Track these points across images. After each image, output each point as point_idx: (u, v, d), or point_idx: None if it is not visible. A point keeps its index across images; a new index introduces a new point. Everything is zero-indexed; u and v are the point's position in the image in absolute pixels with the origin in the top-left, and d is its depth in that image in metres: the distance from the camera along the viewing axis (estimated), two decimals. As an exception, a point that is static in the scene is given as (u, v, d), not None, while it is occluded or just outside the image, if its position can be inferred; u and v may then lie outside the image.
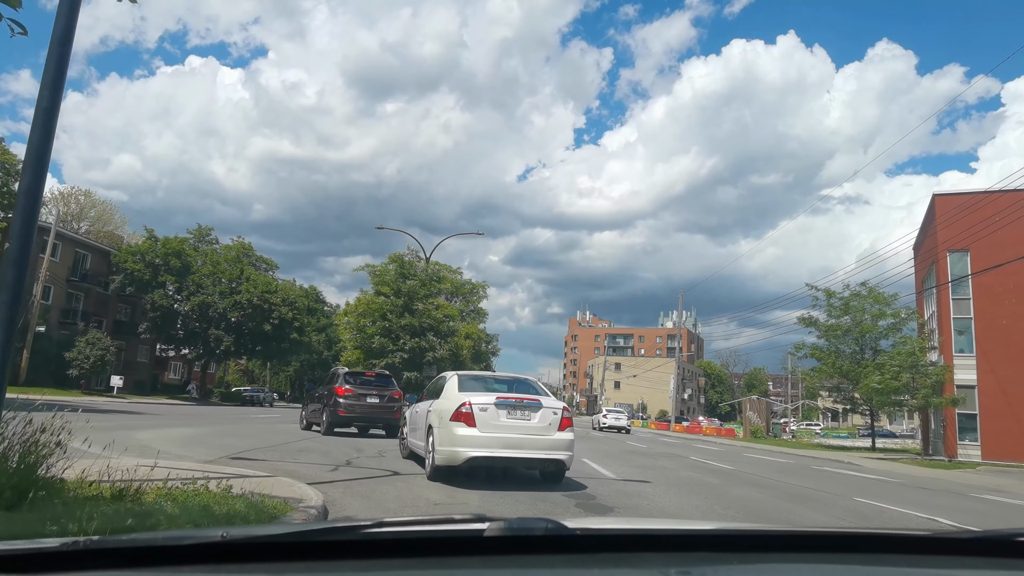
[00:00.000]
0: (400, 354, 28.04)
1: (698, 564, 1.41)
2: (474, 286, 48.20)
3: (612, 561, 1.42)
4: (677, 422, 65.04)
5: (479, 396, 9.26)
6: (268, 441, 14.32)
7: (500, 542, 1.36)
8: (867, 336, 34.11)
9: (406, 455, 12.15)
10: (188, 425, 17.87)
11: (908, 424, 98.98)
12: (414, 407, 11.92)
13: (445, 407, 9.35)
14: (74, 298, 50.74)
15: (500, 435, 8.95)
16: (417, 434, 10.87)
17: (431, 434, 9.54)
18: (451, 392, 9.76)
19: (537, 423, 9.19)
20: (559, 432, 9.30)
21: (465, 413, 8.96)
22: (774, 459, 23.10)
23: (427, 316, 28.50)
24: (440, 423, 9.24)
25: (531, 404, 9.29)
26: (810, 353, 35.35)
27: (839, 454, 28.95)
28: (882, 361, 27.36)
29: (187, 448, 11.59)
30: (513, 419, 9.11)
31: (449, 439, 8.97)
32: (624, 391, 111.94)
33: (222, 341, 51.90)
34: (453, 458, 8.93)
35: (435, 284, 31.30)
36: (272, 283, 55.02)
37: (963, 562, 1.55)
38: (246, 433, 16.18)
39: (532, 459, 9.25)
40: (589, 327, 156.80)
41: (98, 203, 71.33)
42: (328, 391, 18.20)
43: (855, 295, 34.79)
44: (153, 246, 51.96)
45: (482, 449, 8.85)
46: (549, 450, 9.20)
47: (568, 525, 1.40)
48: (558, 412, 9.39)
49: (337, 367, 20.38)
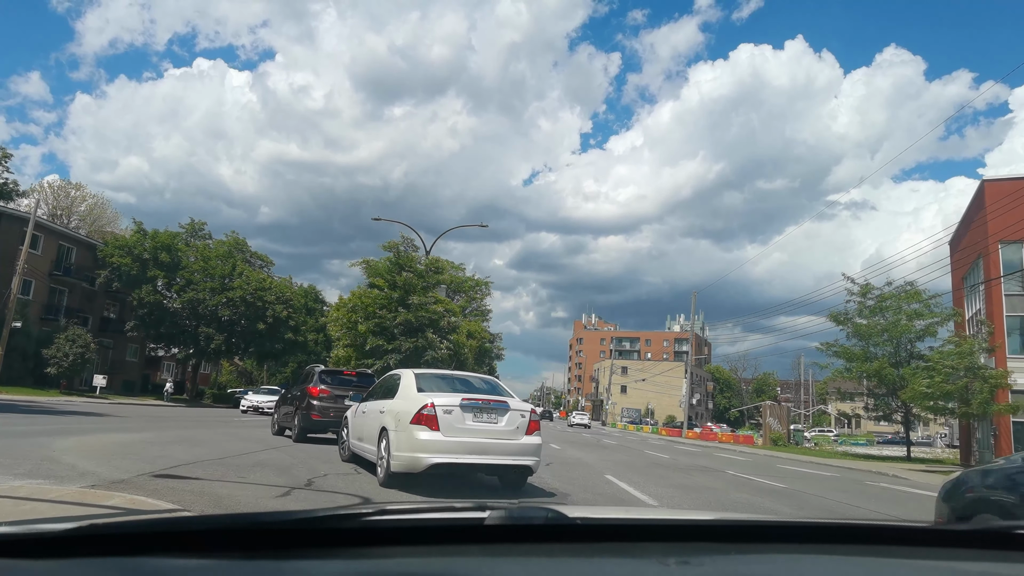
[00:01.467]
0: (395, 354, 25.29)
1: (697, 554, 1.40)
2: (477, 283, 45.52)
3: (612, 550, 1.41)
4: (688, 428, 62.41)
5: (442, 397, 8.59)
6: (222, 451, 11.76)
7: (501, 530, 1.36)
8: (903, 337, 31.46)
9: (347, 458, 11.35)
10: (139, 430, 15.32)
11: (923, 431, 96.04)
12: (359, 407, 10.91)
13: (403, 408, 8.63)
14: (57, 293, 48.31)
15: (465, 439, 8.36)
16: (365, 437, 9.98)
17: (385, 437, 8.80)
18: (409, 392, 8.98)
19: (504, 426, 8.66)
20: (527, 436, 8.82)
21: (427, 415, 8.28)
22: (816, 471, 20.45)
23: (424, 311, 25.76)
24: (398, 426, 8.50)
25: (498, 406, 8.73)
26: (840, 352, 32.62)
27: (876, 464, 26.28)
28: (932, 363, 24.70)
29: (105, 462, 9.03)
30: (479, 422, 8.55)
31: (409, 444, 8.29)
32: (631, 395, 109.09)
33: (212, 340, 49.40)
34: (413, 464, 8.26)
35: (434, 276, 28.53)
36: (266, 280, 52.56)
37: (963, 554, 1.53)
38: (202, 440, 13.62)
39: (499, 465, 8.80)
40: (595, 330, 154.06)
41: (89, 197, 69.11)
42: (301, 392, 15.98)
43: (889, 295, 32.14)
44: (141, 240, 49.54)
45: (446, 455, 8.25)
46: (517, 455, 8.73)
47: (568, 514, 1.40)
48: (526, 415, 8.91)
49: (312, 365, 18.26)
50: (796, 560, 1.48)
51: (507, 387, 10.01)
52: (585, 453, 20.63)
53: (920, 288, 32.11)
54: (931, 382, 23.77)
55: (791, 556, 1.49)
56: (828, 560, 1.47)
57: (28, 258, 43.65)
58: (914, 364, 30.53)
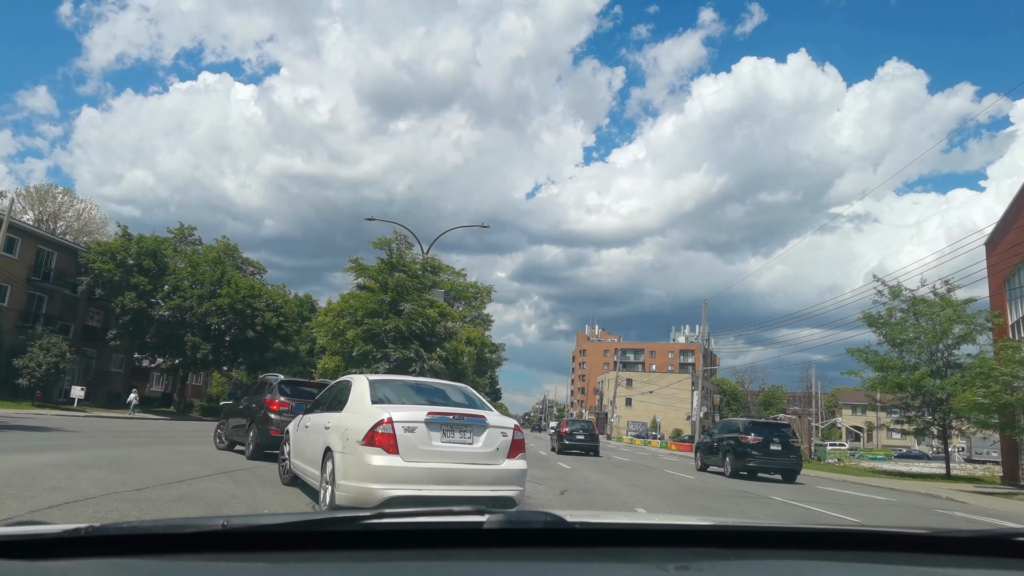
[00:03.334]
0: (385, 363, 22.68)
1: (696, 559, 1.39)
2: (478, 289, 42.92)
3: (611, 555, 1.40)
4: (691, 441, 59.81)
5: (403, 410, 6.84)
6: (152, 477, 9.24)
7: (499, 534, 1.35)
8: (940, 343, 28.92)
9: (288, 481, 9.40)
10: (72, 448, 12.78)
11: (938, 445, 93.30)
12: (302, 420, 9.07)
13: (353, 425, 6.91)
14: (36, 300, 45.82)
15: (432, 465, 6.67)
16: (307, 457, 8.17)
17: (329, 459, 7.07)
18: (361, 404, 7.26)
19: (481, 448, 6.98)
20: (509, 460, 7.11)
21: (384, 435, 6.54)
22: (865, 494, 17.86)
23: (417, 317, 23.14)
24: (346, 446, 6.81)
25: (474, 422, 7.03)
26: (873, 360, 30.01)
27: (920, 484, 23.65)
28: (986, 370, 22.19)
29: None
30: (450, 442, 6.86)
31: (359, 470, 6.56)
32: (636, 408, 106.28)
33: (199, 349, 46.80)
34: (364, 498, 6.43)
35: (430, 276, 25.93)
36: (256, 286, 50.01)
37: (963, 561, 1.52)
38: (138, 462, 11.11)
39: (474, 498, 6.78)
40: (598, 341, 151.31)
41: (78, 202, 66.81)
42: (257, 403, 14.08)
43: (921, 299, 29.63)
44: (126, 245, 47.06)
45: (407, 486, 6.53)
46: (497, 485, 6.96)
47: (567, 518, 1.39)
48: (508, 433, 7.17)
49: (268, 374, 16.34)
50: (796, 567, 1.48)
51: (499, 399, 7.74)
52: (601, 474, 18.07)
53: (954, 290, 29.69)
54: (987, 392, 21.26)
55: (791, 563, 1.49)
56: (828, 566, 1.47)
57: (5, 263, 41.36)
58: (952, 373, 28.02)
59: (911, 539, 1.61)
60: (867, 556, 1.51)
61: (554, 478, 15.20)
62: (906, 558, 1.52)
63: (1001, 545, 1.55)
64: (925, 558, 1.53)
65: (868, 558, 1.51)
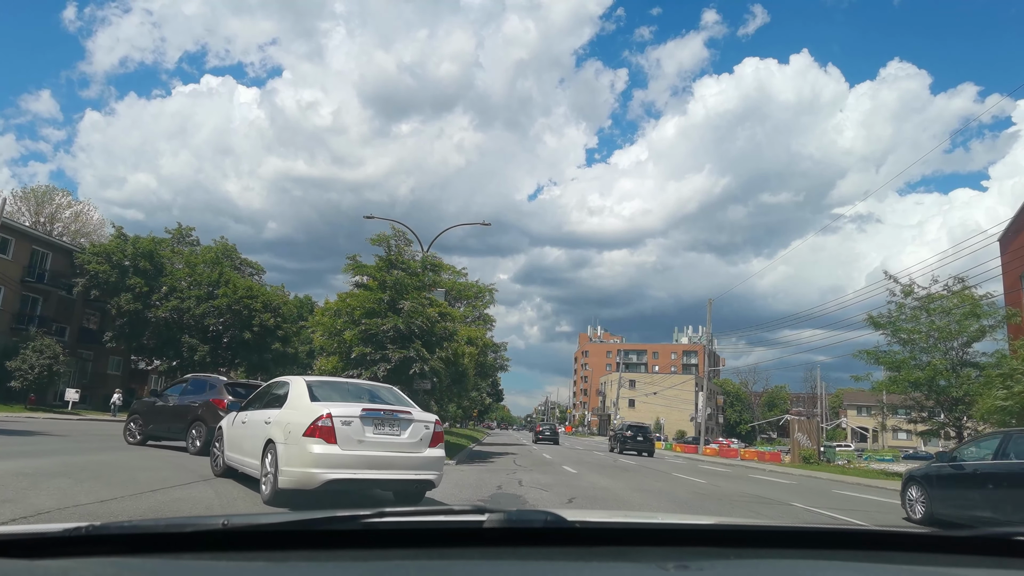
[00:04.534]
0: (384, 364, 21.80)
1: (696, 558, 1.39)
2: (480, 289, 42.03)
3: (611, 554, 1.41)
4: (695, 443, 58.97)
5: (340, 407, 7.90)
6: (124, 486, 8.46)
7: (499, 534, 1.35)
8: (955, 341, 28.08)
9: (220, 472, 10.12)
10: (45, 454, 11.96)
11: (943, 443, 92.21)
12: (237, 416, 9.72)
13: (295, 419, 7.82)
14: (30, 302, 45.05)
15: (365, 453, 7.71)
16: (246, 450, 8.90)
17: (271, 451, 7.91)
18: (301, 401, 8.21)
19: (408, 439, 8.11)
20: (430, 448, 8.31)
21: (324, 427, 7.52)
22: (888, 500, 17.06)
23: (417, 316, 22.28)
24: (288, 438, 7.69)
25: (402, 417, 8.17)
26: (884, 360, 29.20)
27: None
28: (1007, 370, 21.30)
29: None
30: (381, 434, 7.93)
31: (301, 458, 7.48)
32: (639, 409, 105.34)
33: (197, 350, 46.01)
34: (307, 481, 7.46)
35: (429, 274, 25.08)
36: (254, 287, 49.23)
37: (962, 560, 1.51)
38: (112, 469, 10.32)
39: (401, 480, 8.14)
40: (600, 343, 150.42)
41: (75, 204, 66.17)
42: (201, 402, 14.62)
43: (938, 295, 28.79)
44: (121, 245, 46.30)
45: (344, 470, 7.53)
46: (420, 469, 8.18)
47: (567, 518, 1.40)
48: (430, 426, 8.39)
49: (200, 375, 17.25)
50: (795, 566, 1.48)
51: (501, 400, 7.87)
52: (609, 479, 17.29)
53: (968, 287, 28.84)
54: (1008, 393, 20.42)
55: (791, 562, 1.49)
56: (828, 566, 1.47)
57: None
58: (966, 372, 27.20)
59: (911, 539, 1.61)
60: (867, 556, 1.51)
61: (560, 484, 14.42)
62: (906, 558, 1.51)
63: (1001, 545, 1.54)
64: (925, 558, 1.52)
65: (868, 558, 1.51)
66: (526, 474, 16.57)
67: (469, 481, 13.69)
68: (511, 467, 19.39)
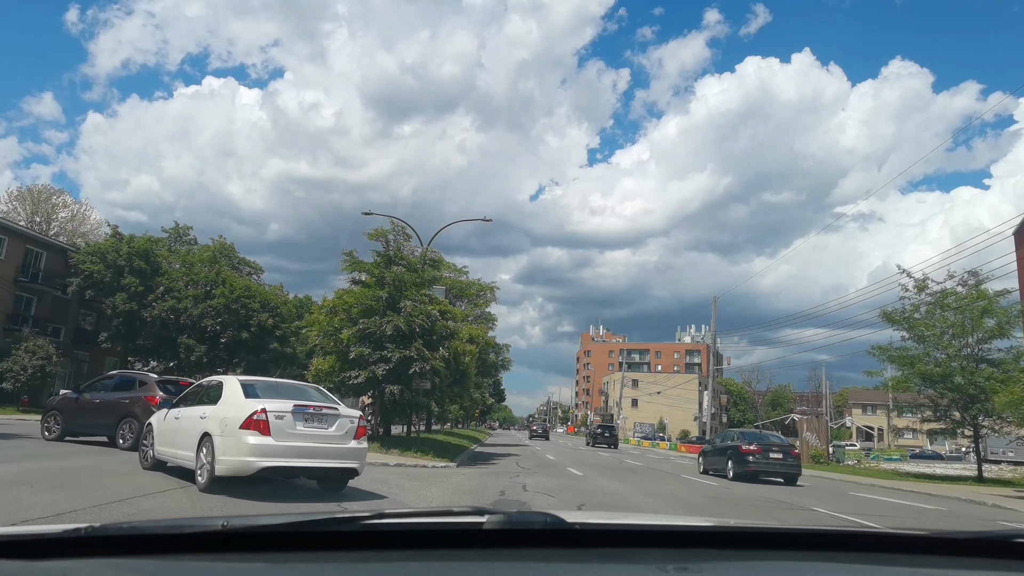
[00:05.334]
0: (383, 365, 21.00)
1: (696, 560, 1.39)
2: (481, 287, 41.28)
3: (610, 556, 1.41)
4: (701, 443, 58.22)
5: (274, 403, 8.63)
6: (89, 496, 7.71)
7: (499, 535, 1.35)
8: (971, 338, 27.27)
9: (149, 466, 10.54)
10: (22, 460, 11.17)
11: (951, 444, 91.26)
12: (169, 413, 10.32)
13: (231, 414, 8.49)
14: (24, 302, 44.32)
15: (296, 444, 8.48)
16: (180, 444, 9.48)
17: (207, 443, 8.50)
18: (236, 398, 8.88)
19: (335, 432, 8.92)
20: (355, 441, 9.14)
21: (259, 421, 8.26)
22: (905, 501, 16.25)
23: (418, 315, 21.51)
24: (224, 431, 8.34)
25: (328, 412, 8.98)
26: (897, 357, 28.39)
27: (956, 488, 22.03)
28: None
29: None
30: (310, 427, 8.73)
31: (238, 448, 8.18)
32: (643, 409, 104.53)
33: (193, 351, 45.23)
34: (243, 468, 8.20)
35: (430, 270, 24.29)
36: (252, 287, 48.44)
37: (961, 562, 1.52)
38: (80, 474, 9.58)
39: (327, 468, 8.96)
40: (603, 342, 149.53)
41: (72, 203, 65.41)
42: (133, 399, 14.70)
43: (949, 292, 28.00)
44: (116, 245, 45.51)
45: (277, 459, 8.32)
46: (345, 459, 9.02)
47: (567, 519, 1.39)
48: (355, 421, 9.23)
49: (125, 371, 17.66)
50: (795, 568, 1.48)
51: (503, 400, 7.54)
52: (617, 482, 16.50)
53: (983, 282, 28.04)
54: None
55: (790, 564, 1.48)
56: (827, 567, 1.47)
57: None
58: (982, 369, 26.39)
59: (910, 540, 1.61)
60: (866, 558, 1.50)
61: (567, 488, 13.64)
62: (905, 559, 1.51)
63: (1000, 546, 1.53)
64: (924, 559, 1.51)
65: (867, 559, 1.50)
66: (530, 477, 15.80)
67: (470, 486, 12.92)
68: (514, 470, 18.61)
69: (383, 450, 19.16)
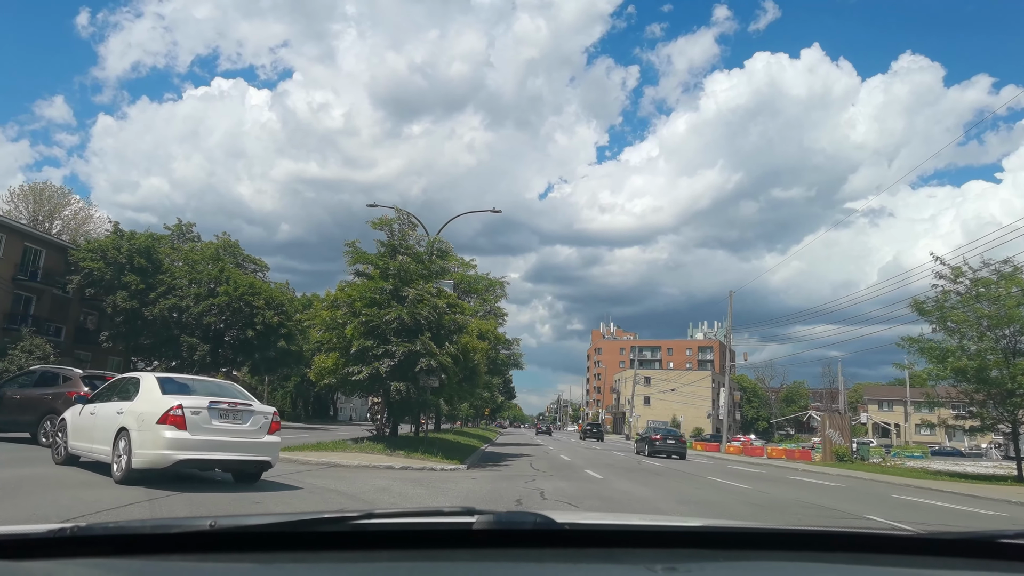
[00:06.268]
0: (387, 360, 19.65)
1: (685, 560, 1.40)
2: (491, 282, 39.83)
3: (600, 556, 1.41)
4: (716, 440, 56.80)
5: (191, 399, 8.97)
6: (31, 513, 6.44)
7: (488, 535, 1.35)
8: (1008, 328, 25.79)
9: (61, 461, 10.63)
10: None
11: (970, 442, 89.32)
12: (84, 408, 10.44)
13: (148, 409, 8.74)
14: (23, 300, 43.35)
15: (212, 438, 8.81)
16: (96, 439, 9.59)
17: (124, 437, 8.75)
18: (152, 395, 9.10)
19: (249, 427, 9.24)
20: (268, 435, 9.49)
21: (176, 416, 8.55)
22: (961, 507, 14.83)
23: (424, 306, 20.18)
24: (141, 426, 8.60)
25: (244, 408, 9.33)
26: (929, 350, 26.95)
27: (994, 489, 20.61)
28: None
29: None
30: (225, 422, 9.03)
31: (155, 442, 8.49)
32: (655, 407, 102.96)
33: (196, 350, 44.15)
34: (159, 461, 8.52)
35: (438, 261, 22.96)
36: (256, 283, 47.28)
37: (947, 563, 1.53)
38: (34, 485, 8.35)
39: (242, 461, 9.32)
40: (613, 339, 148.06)
41: (75, 201, 64.51)
42: (55, 394, 14.32)
43: (985, 280, 26.50)
44: (117, 242, 44.47)
45: (192, 452, 8.62)
46: (258, 453, 9.36)
47: (556, 519, 1.39)
48: (268, 417, 9.61)
49: (47, 366, 17.48)
50: (783, 568, 1.48)
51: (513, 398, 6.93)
52: (641, 486, 15.18)
53: (1019, 269, 26.52)
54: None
55: (778, 564, 1.49)
56: (815, 567, 1.48)
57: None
58: (1019, 362, 24.93)
59: (898, 540, 1.61)
60: (854, 558, 1.51)
61: (589, 495, 12.33)
62: (893, 559, 1.51)
63: (986, 547, 1.54)
64: (912, 560, 1.52)
65: (855, 559, 1.51)
66: (547, 482, 14.50)
67: (482, 493, 11.65)
68: (528, 473, 17.31)
69: (388, 452, 17.91)
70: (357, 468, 14.93)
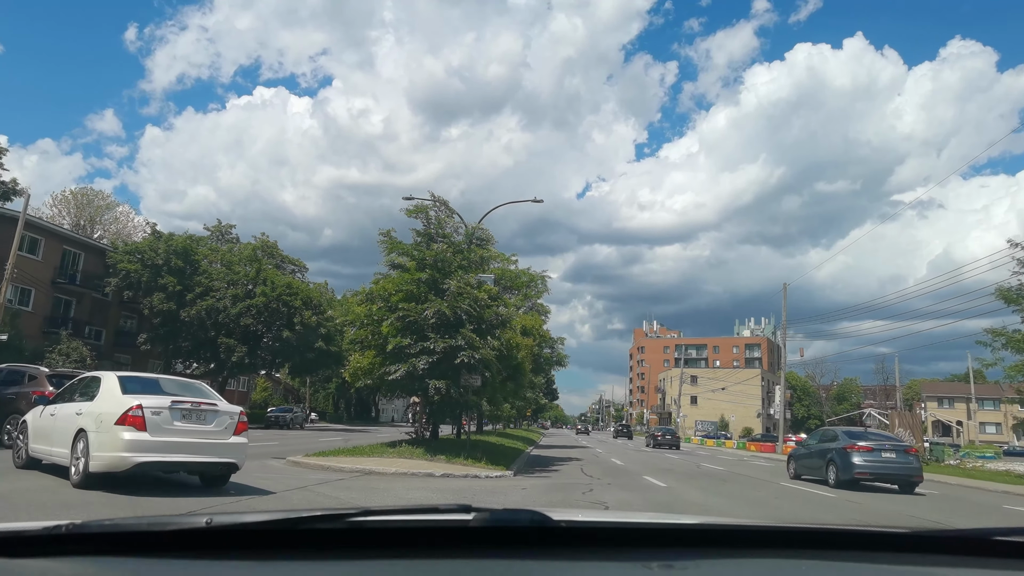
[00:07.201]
0: (425, 357, 18.02)
1: (681, 558, 1.40)
2: (532, 277, 37.97)
3: (596, 554, 1.41)
4: (769, 440, 54.30)
5: (151, 399, 8.60)
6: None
7: (485, 533, 1.35)
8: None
9: (22, 465, 10.21)
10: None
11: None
12: (44, 409, 10.11)
13: (107, 410, 8.42)
14: (63, 304, 43.17)
15: (174, 439, 8.51)
16: (55, 440, 9.24)
17: (82, 439, 8.48)
18: (112, 394, 8.75)
19: (214, 428, 8.97)
20: (235, 436, 9.24)
21: (135, 417, 8.22)
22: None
23: (464, 298, 18.52)
24: (99, 427, 8.31)
25: (208, 408, 9.02)
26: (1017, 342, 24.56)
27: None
28: None
29: None
30: (189, 423, 8.76)
31: (113, 444, 8.19)
32: (702, 406, 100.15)
33: (234, 351, 43.40)
34: (118, 464, 8.20)
35: (477, 250, 21.32)
36: (294, 283, 46.41)
37: (945, 560, 1.53)
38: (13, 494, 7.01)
39: (207, 463, 9.10)
40: (656, 338, 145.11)
41: (116, 205, 64.84)
42: (21, 395, 14.01)
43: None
44: (154, 244, 44.05)
45: (153, 454, 8.31)
46: (224, 455, 9.07)
47: (552, 517, 1.39)
48: (235, 417, 9.31)
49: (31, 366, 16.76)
50: (780, 565, 1.48)
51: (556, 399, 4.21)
52: (712, 495, 13.38)
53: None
54: None
55: (774, 561, 1.49)
56: (811, 565, 1.48)
57: (27, 264, 38.51)
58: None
59: (894, 538, 1.60)
60: (851, 556, 1.51)
61: (658, 506, 10.59)
62: (889, 558, 1.51)
63: (982, 545, 1.54)
64: (908, 558, 1.52)
65: (852, 558, 1.51)
66: (606, 492, 12.79)
67: (536, 505, 9.98)
68: (582, 480, 15.62)
69: (428, 457, 16.40)
70: (393, 476, 13.44)
